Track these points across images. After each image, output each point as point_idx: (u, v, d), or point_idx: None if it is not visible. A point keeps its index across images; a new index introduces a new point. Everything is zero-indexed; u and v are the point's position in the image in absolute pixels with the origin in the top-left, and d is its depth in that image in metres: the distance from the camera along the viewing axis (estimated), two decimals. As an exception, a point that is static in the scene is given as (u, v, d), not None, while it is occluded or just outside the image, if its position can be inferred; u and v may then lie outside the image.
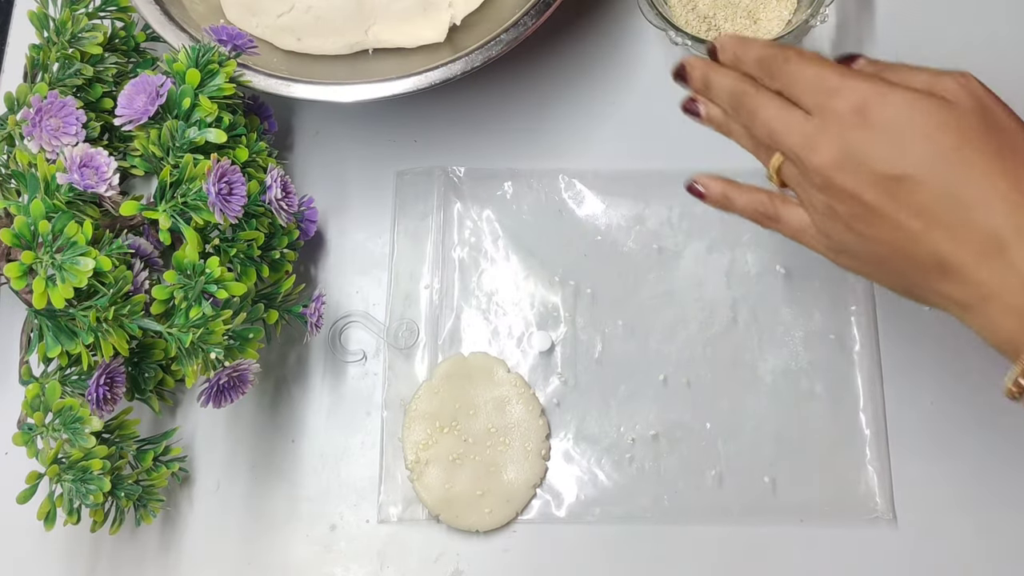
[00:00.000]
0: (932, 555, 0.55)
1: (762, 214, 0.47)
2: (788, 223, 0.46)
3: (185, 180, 0.50)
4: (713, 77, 0.47)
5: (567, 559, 0.56)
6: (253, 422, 0.59)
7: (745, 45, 0.46)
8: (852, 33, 0.66)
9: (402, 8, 0.61)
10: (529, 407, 0.58)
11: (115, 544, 0.57)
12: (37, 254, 0.46)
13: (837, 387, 0.58)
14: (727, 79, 0.46)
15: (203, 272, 0.49)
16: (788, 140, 0.43)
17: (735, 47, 0.46)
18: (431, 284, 0.61)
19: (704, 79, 0.47)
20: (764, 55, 0.45)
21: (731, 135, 0.48)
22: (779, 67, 0.44)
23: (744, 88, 0.45)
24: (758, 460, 0.57)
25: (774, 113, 0.44)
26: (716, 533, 0.56)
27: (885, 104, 0.41)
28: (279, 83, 0.58)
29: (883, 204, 0.41)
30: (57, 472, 0.48)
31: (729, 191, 0.49)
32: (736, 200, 0.48)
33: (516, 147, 0.65)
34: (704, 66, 0.47)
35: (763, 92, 0.45)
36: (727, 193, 0.49)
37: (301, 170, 0.65)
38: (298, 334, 0.60)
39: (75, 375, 0.51)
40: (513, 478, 0.57)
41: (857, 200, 0.41)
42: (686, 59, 0.48)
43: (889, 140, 0.41)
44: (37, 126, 0.53)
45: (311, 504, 0.58)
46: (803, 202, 0.45)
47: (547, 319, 0.60)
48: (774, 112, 0.44)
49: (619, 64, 0.66)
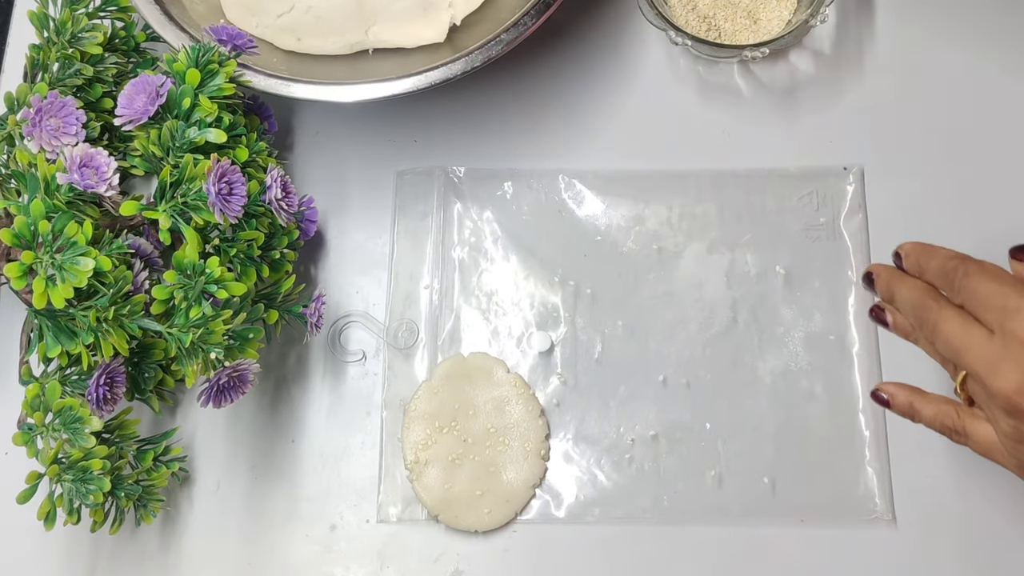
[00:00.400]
0: (931, 556, 0.55)
1: (949, 428, 0.46)
2: (976, 440, 0.45)
3: (185, 180, 0.50)
4: (897, 287, 0.46)
5: (567, 559, 0.56)
6: (253, 422, 0.59)
7: (928, 254, 0.45)
8: (852, 33, 0.66)
9: (402, 8, 0.61)
10: (529, 407, 0.58)
11: (115, 544, 0.57)
12: (37, 254, 0.46)
13: (837, 388, 0.58)
14: (911, 291, 0.45)
15: (203, 272, 0.49)
16: (970, 360, 0.42)
17: (918, 255, 0.46)
18: (431, 284, 0.61)
19: (889, 288, 0.47)
20: (945, 266, 0.44)
21: (917, 344, 0.47)
22: (959, 280, 0.43)
23: (926, 302, 0.44)
24: (757, 461, 0.57)
25: (956, 330, 0.43)
26: (715, 534, 0.56)
27: None
28: (279, 83, 0.57)
29: None
30: (57, 472, 0.48)
31: (916, 401, 0.48)
32: (922, 411, 0.47)
33: (516, 147, 0.65)
34: (889, 275, 0.47)
35: (945, 306, 0.44)
36: (913, 403, 0.48)
37: (301, 170, 0.65)
38: (298, 334, 0.60)
39: (75, 375, 0.51)
40: (512, 478, 0.57)
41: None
42: (874, 266, 0.48)
43: None
44: (37, 126, 0.53)
45: (311, 504, 0.58)
46: (990, 420, 0.44)
47: (547, 319, 0.60)
48: (956, 329, 0.43)
49: (619, 64, 0.66)
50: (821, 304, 0.60)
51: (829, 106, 0.64)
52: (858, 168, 0.62)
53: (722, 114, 0.65)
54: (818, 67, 0.65)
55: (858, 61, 0.65)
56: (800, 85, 0.65)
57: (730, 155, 0.63)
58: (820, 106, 0.64)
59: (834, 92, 0.65)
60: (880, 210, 0.62)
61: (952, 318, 0.43)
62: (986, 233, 0.61)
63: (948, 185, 0.62)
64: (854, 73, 0.65)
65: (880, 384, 0.49)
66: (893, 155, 0.63)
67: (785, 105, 0.65)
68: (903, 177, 0.62)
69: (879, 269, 0.48)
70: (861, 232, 0.61)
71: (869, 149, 0.63)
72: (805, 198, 0.62)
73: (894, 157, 0.63)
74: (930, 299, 0.44)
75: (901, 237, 0.61)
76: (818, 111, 0.64)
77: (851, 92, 0.65)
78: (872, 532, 0.56)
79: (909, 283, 0.46)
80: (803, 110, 0.64)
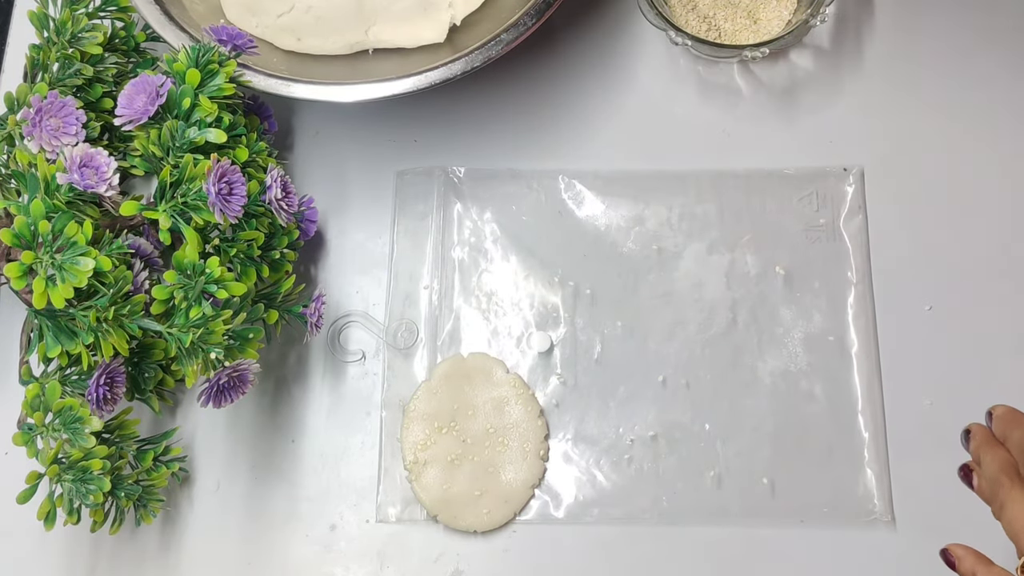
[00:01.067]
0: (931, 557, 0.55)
1: None
2: None
3: (185, 180, 0.50)
4: (984, 452, 0.47)
5: (567, 560, 0.56)
6: (253, 422, 0.59)
7: (1013, 423, 0.46)
8: (852, 33, 0.66)
9: (402, 8, 0.61)
10: (528, 408, 0.58)
11: (115, 544, 0.57)
12: (37, 254, 0.46)
13: (836, 389, 0.58)
14: (992, 461, 0.46)
15: (203, 272, 0.49)
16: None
17: (1006, 422, 0.47)
18: (431, 284, 0.61)
19: (977, 452, 0.48)
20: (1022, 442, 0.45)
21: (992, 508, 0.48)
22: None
23: (1000, 477, 0.45)
24: (757, 461, 0.57)
25: (1018, 514, 0.44)
26: (715, 534, 0.56)
27: None
28: (279, 83, 0.58)
29: None
30: (57, 472, 0.48)
31: (979, 571, 0.48)
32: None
33: (516, 147, 0.65)
34: (982, 438, 0.48)
35: (1017, 487, 0.44)
36: (976, 571, 0.48)
37: (301, 170, 0.65)
38: (298, 334, 0.60)
39: (75, 375, 0.51)
40: (511, 479, 0.57)
41: None
42: (973, 426, 0.49)
43: None
44: (37, 126, 0.53)
45: (311, 504, 0.58)
46: None
47: (546, 320, 0.60)
48: (1019, 512, 0.44)
49: (619, 64, 0.66)
50: (821, 305, 0.60)
51: (829, 106, 0.64)
52: (858, 168, 0.62)
53: (722, 114, 0.65)
54: (818, 67, 0.65)
55: (858, 61, 0.65)
56: (800, 85, 0.65)
57: (730, 155, 0.63)
58: (820, 106, 0.64)
59: (834, 92, 0.65)
60: (880, 211, 0.62)
61: (1020, 500, 0.44)
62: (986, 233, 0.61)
63: (948, 185, 0.62)
64: (854, 73, 0.65)
65: (950, 546, 0.49)
66: (893, 155, 0.63)
67: (785, 105, 0.65)
68: (903, 177, 0.62)
69: (976, 429, 0.49)
70: (861, 233, 0.61)
71: (869, 149, 0.63)
72: (805, 199, 0.62)
73: (894, 157, 0.63)
74: (1005, 475, 0.45)
75: (901, 238, 0.61)
76: (818, 111, 0.64)
77: (851, 92, 0.65)
78: (871, 533, 0.56)
79: (992, 452, 0.47)
80: (803, 110, 0.64)
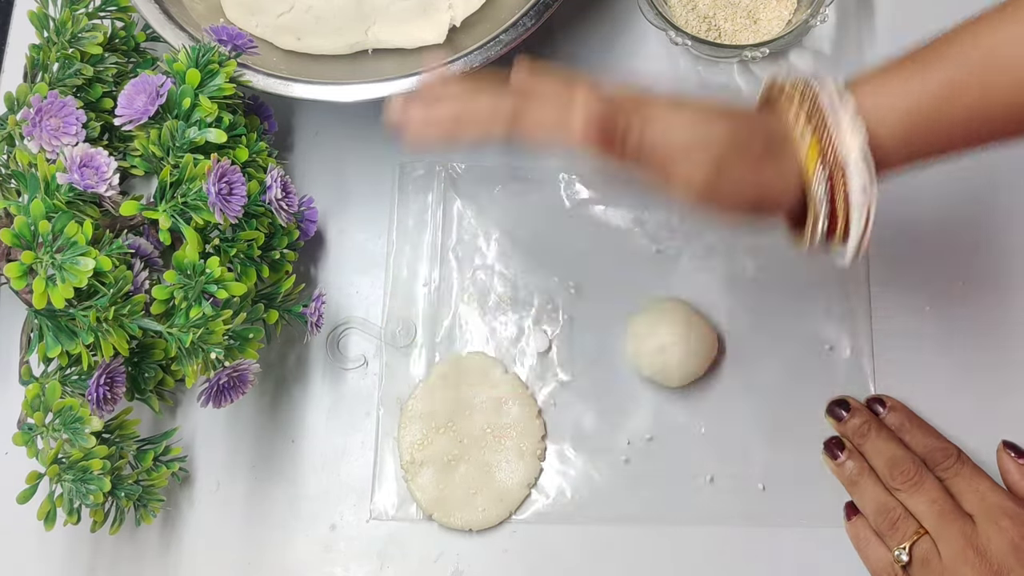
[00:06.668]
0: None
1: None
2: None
3: (185, 180, 0.50)
4: (872, 440, 0.54)
5: (566, 559, 0.56)
6: (253, 422, 0.59)
7: (915, 431, 0.53)
8: (852, 33, 0.66)
9: (402, 9, 0.61)
10: (526, 407, 0.58)
11: (115, 544, 0.57)
12: (37, 254, 0.46)
13: (831, 392, 0.58)
14: (887, 449, 0.52)
15: (203, 272, 0.49)
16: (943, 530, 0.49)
17: (903, 420, 0.53)
18: (429, 283, 0.61)
19: (860, 433, 0.54)
20: (934, 455, 0.52)
21: (851, 490, 0.54)
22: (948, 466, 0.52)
23: (908, 466, 0.52)
24: (752, 464, 0.57)
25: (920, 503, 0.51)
26: (711, 535, 0.56)
27: None
28: (279, 83, 0.57)
29: None
30: (57, 472, 0.48)
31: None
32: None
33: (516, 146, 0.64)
34: (864, 421, 0.54)
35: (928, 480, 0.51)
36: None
37: (301, 170, 0.65)
38: (298, 334, 0.60)
39: (75, 375, 0.51)
40: (508, 478, 0.57)
41: None
42: (853, 402, 0.55)
43: None
44: (37, 126, 0.53)
45: (311, 504, 0.58)
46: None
47: (545, 319, 0.60)
48: (920, 502, 0.51)
49: (619, 64, 0.66)
50: (817, 309, 0.60)
51: (829, 106, 0.64)
52: (858, 168, 0.62)
53: (722, 114, 0.65)
54: (818, 67, 0.65)
55: (858, 61, 0.65)
56: (800, 85, 0.65)
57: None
58: (820, 106, 0.64)
59: (834, 92, 0.65)
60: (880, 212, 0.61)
61: (926, 493, 0.51)
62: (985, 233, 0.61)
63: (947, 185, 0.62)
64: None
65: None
66: (893, 155, 0.63)
67: (785, 105, 0.64)
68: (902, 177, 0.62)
69: (858, 409, 0.54)
70: (860, 233, 0.61)
71: (869, 149, 0.63)
72: (805, 198, 0.62)
73: (894, 157, 0.63)
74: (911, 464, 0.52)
75: (901, 238, 0.61)
76: (818, 111, 0.64)
77: (851, 92, 0.64)
78: (871, 532, 0.56)
79: (885, 440, 0.53)
80: (803, 110, 0.64)
